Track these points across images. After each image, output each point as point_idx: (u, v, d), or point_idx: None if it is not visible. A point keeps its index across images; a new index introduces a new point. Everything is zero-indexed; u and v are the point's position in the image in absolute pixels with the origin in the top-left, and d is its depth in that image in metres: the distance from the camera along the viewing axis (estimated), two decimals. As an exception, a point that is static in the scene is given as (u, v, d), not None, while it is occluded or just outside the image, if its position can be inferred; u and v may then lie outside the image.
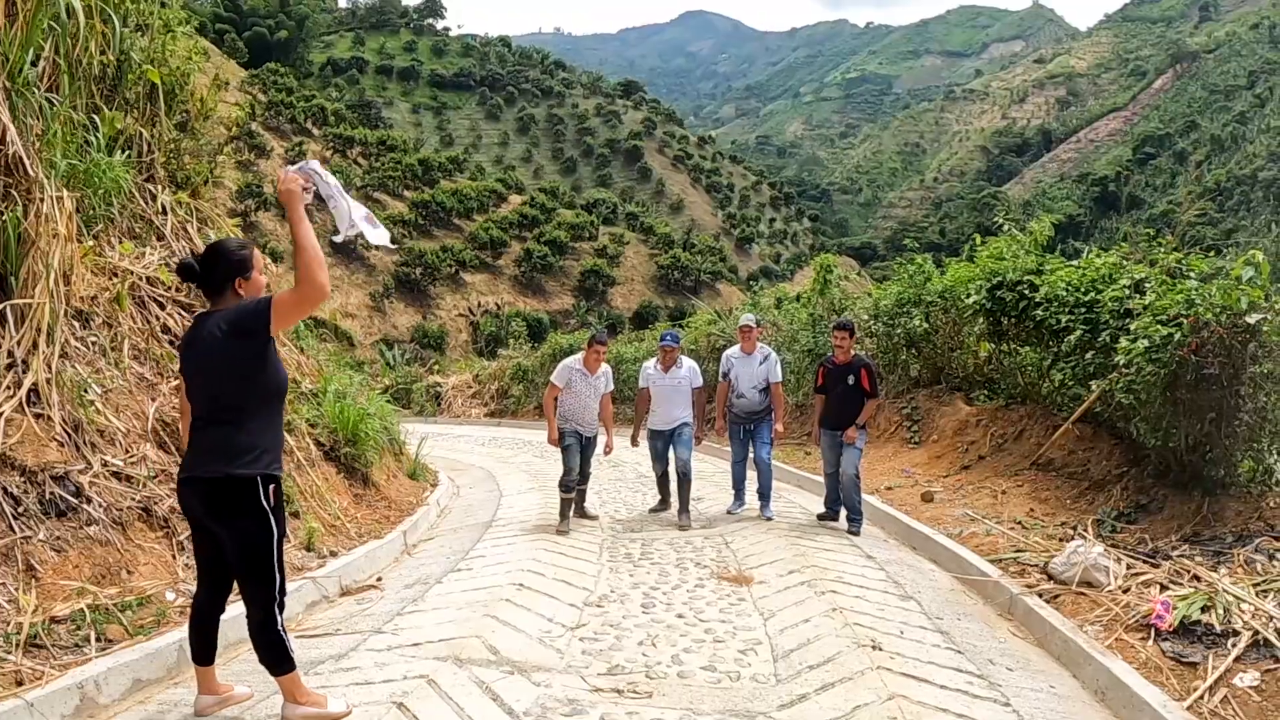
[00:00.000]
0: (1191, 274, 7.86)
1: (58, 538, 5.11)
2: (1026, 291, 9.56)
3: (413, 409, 27.17)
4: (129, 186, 7.63)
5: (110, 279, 7.14)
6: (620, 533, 8.19)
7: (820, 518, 8.78)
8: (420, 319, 58.44)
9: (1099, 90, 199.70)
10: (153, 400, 6.66)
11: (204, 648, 3.87)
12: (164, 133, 8.67)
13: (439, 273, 61.55)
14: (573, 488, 8.52)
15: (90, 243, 6.78)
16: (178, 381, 7.06)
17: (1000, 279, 10.03)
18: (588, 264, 70.85)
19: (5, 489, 5.01)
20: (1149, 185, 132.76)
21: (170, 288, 7.82)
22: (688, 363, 9.14)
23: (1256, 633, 4.82)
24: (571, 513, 8.57)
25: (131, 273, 7.38)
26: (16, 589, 4.67)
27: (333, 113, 75.63)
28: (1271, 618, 4.96)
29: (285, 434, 7.00)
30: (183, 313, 7.79)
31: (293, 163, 4.05)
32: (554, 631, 5.03)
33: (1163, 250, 8.76)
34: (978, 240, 11.55)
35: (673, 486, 9.00)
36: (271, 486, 3.71)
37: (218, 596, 3.91)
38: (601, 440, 9.04)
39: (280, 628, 3.73)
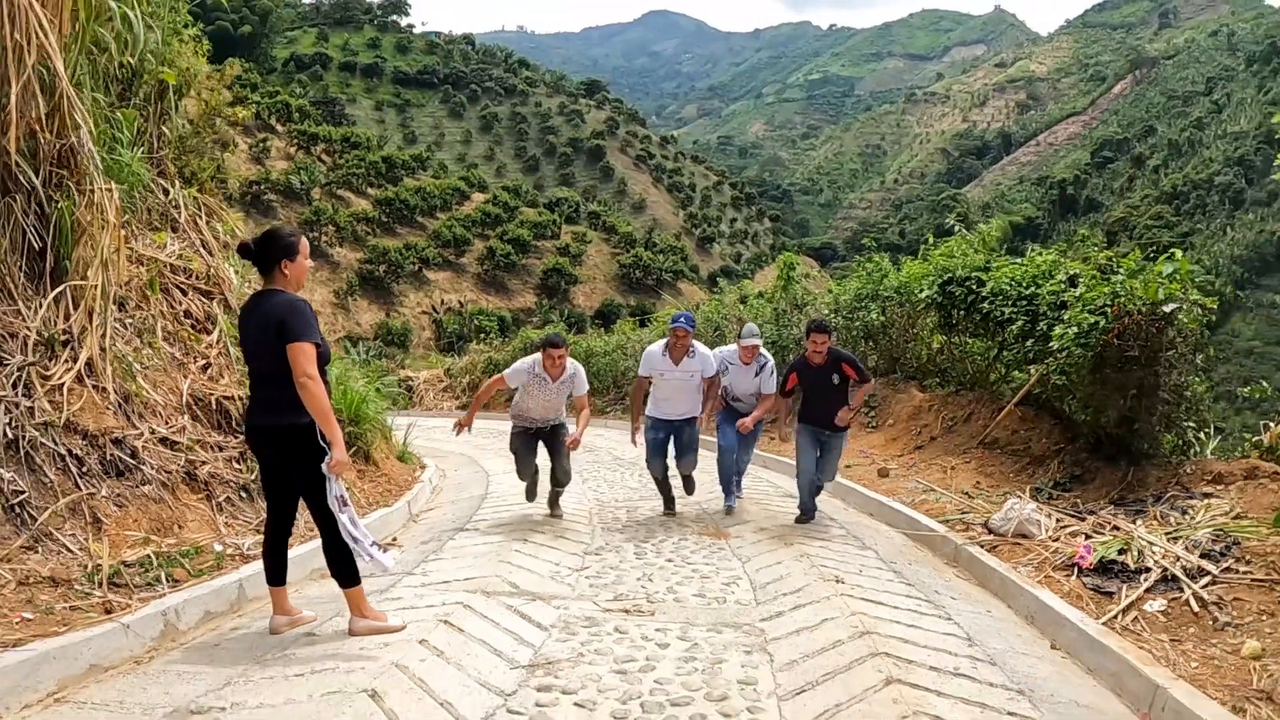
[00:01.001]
0: (1121, 270, 8.73)
1: (118, 495, 5.75)
2: (974, 286, 10.41)
3: (383, 402, 27.64)
4: (148, 180, 8.24)
5: (138, 267, 7.75)
6: (606, 503, 8.95)
7: (798, 521, 7.84)
8: (384, 316, 58.79)
9: (1059, 94, 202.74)
10: (185, 377, 7.27)
11: (277, 569, 4.58)
12: (174, 130, 9.26)
13: (402, 270, 61.98)
14: (534, 484, 8.01)
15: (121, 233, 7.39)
16: (204, 361, 7.76)
17: (951, 275, 10.90)
18: (550, 262, 71.54)
19: (71, 451, 5.64)
20: (1107, 188, 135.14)
21: (191, 275, 8.44)
22: (701, 350, 8.02)
23: (1165, 570, 5.66)
24: (538, 493, 8.11)
25: (157, 261, 7.98)
26: (86, 538, 5.31)
27: (296, 109, 75.57)
28: (1178, 558, 5.80)
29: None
30: (203, 299, 8.41)
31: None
32: (562, 572, 5.80)
33: (1095, 249, 9.65)
34: (931, 240, 12.44)
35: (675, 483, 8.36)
36: None
37: (285, 521, 4.67)
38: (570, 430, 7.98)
39: (347, 540, 4.43)
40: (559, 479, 7.85)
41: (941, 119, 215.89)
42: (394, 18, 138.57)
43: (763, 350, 8.34)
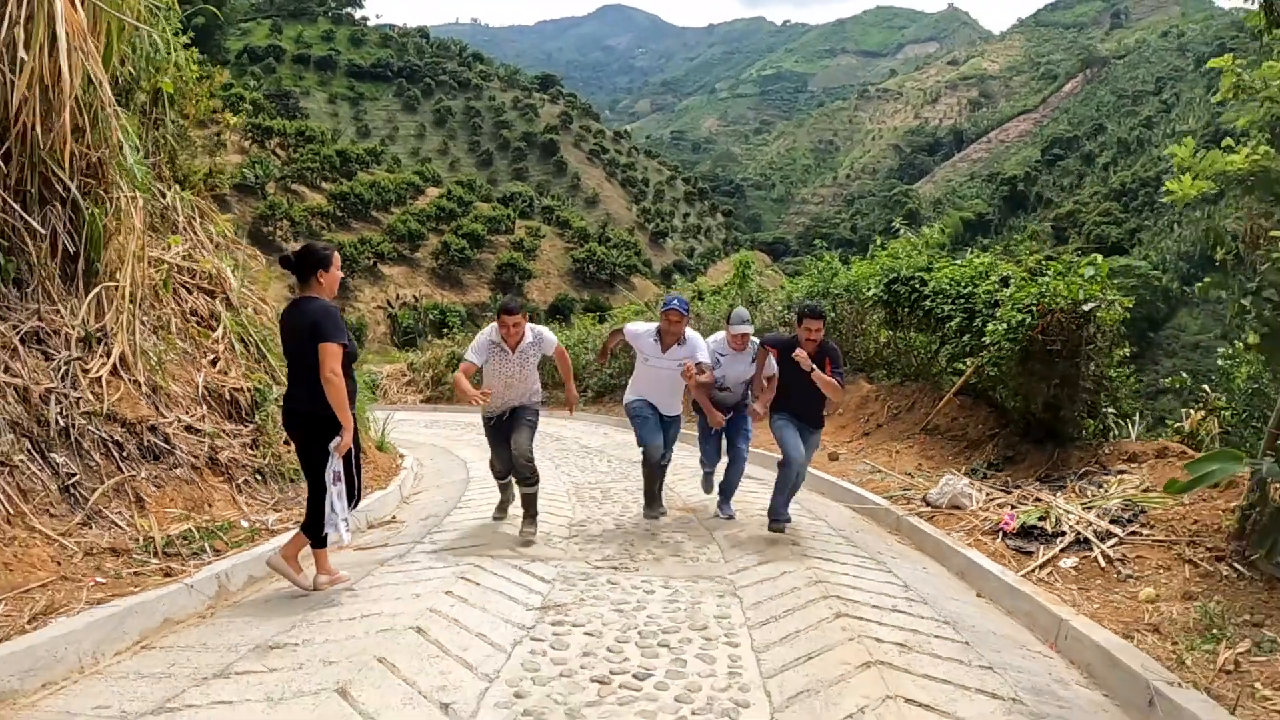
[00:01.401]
0: (1048, 272, 9.66)
1: (156, 477, 6.42)
2: (917, 286, 11.33)
3: (366, 394, 28.11)
4: (151, 185, 8.83)
5: (149, 268, 8.35)
6: (581, 485, 9.73)
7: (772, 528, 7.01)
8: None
9: (1010, 92, 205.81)
10: (198, 371, 7.92)
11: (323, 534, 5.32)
12: (168, 136, 9.81)
13: (357, 265, 62.11)
14: (506, 472, 7.13)
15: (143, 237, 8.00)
16: (213, 356, 8.39)
17: (896, 275, 11.82)
18: (504, 257, 71.95)
19: (112, 437, 6.30)
20: (1057, 185, 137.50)
21: (195, 275, 9.06)
22: (692, 339, 7.13)
23: (1079, 533, 6.55)
24: (512, 497, 7.27)
25: (164, 262, 8.58)
26: (132, 515, 5.98)
27: (251, 102, 75.16)
28: (1091, 523, 6.70)
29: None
30: (207, 297, 9.03)
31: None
32: (554, 539, 6.63)
33: (1028, 253, 10.59)
34: (878, 242, 13.38)
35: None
36: None
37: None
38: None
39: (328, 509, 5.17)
40: (520, 466, 6.75)
41: (894, 115, 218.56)
42: (348, 10, 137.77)
43: (754, 337, 7.66)
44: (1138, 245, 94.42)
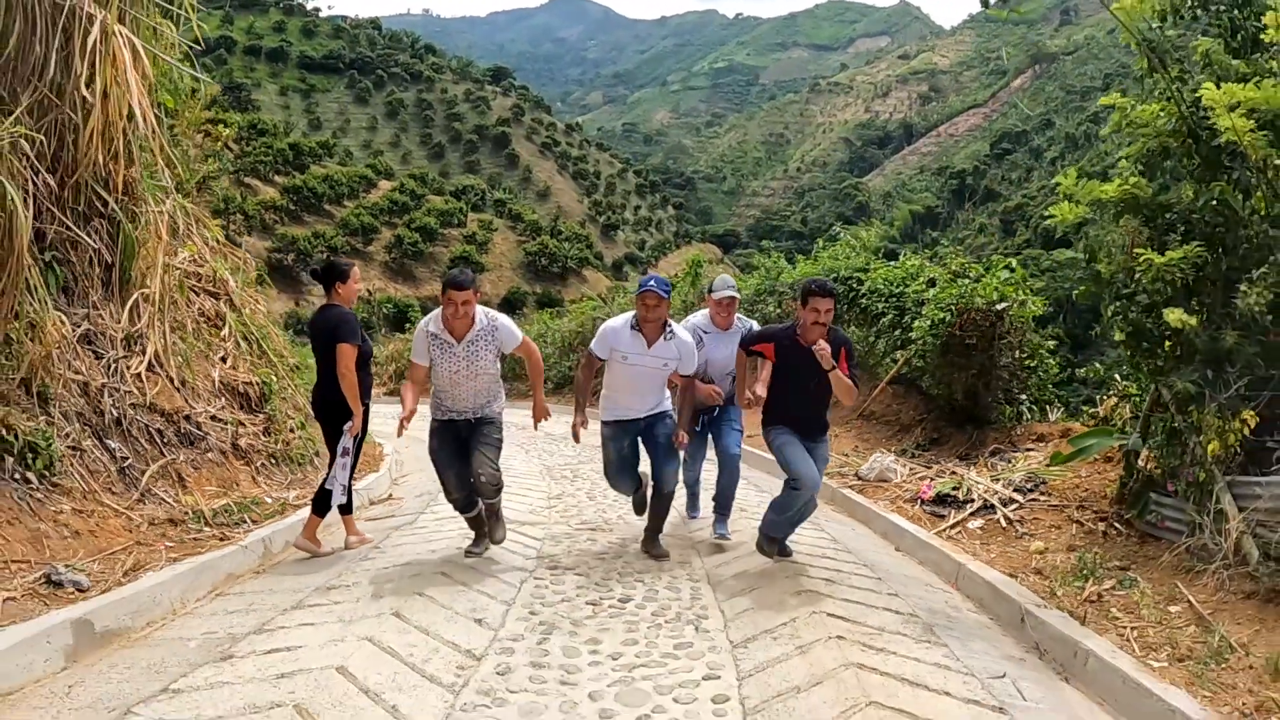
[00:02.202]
0: (969, 276, 10.86)
1: (193, 460, 7.38)
2: (855, 285, 12.54)
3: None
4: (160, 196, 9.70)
5: (165, 273, 9.24)
6: (552, 468, 10.81)
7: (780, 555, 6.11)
8: (293, 305, 59.18)
9: (960, 87, 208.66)
10: (213, 367, 8.85)
11: (347, 502, 6.35)
12: (165, 145, 10.64)
13: (311, 259, 62.46)
14: (472, 504, 6.03)
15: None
16: (222, 353, 9.31)
17: (836, 274, 13.01)
18: (457, 250, 72.61)
19: (154, 426, 7.25)
20: (1005, 179, 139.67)
21: (201, 279, 9.95)
22: (682, 334, 6.07)
23: (986, 501, 7.74)
24: (487, 533, 6.09)
25: (176, 267, 9.46)
26: (177, 493, 6.95)
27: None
28: (997, 492, 7.90)
29: (298, 399, 9.52)
30: (212, 299, 9.93)
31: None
32: (537, 509, 7.76)
33: (952, 257, 11.81)
34: (820, 244, 14.60)
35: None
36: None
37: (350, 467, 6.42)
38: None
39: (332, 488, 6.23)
40: (482, 486, 5.81)
41: (844, 109, 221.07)
42: (300, 1, 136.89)
43: (741, 316, 7.00)
44: (1082, 239, 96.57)
